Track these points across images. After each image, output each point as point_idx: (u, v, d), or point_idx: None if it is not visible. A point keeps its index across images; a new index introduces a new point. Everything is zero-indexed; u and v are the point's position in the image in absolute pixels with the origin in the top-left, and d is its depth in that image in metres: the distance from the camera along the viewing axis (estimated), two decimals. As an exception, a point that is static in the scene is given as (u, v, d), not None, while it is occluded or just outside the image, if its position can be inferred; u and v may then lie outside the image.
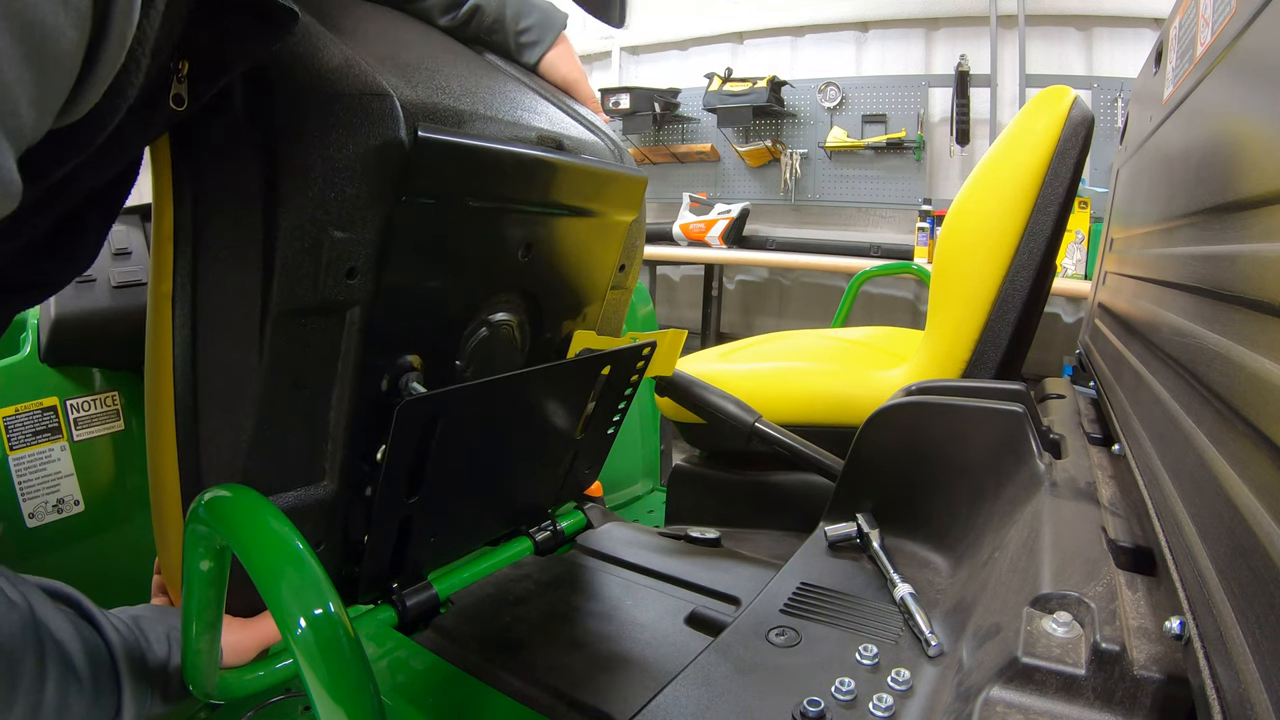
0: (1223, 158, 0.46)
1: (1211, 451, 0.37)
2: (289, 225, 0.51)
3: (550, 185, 0.70)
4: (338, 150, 0.51)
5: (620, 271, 0.87)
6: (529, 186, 0.68)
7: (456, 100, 0.62)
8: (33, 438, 0.87)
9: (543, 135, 0.69)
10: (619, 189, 0.79)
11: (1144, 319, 0.68)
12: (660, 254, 3.01)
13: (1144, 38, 2.39)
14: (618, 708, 0.62)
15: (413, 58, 0.63)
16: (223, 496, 0.45)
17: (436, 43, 0.73)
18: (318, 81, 0.51)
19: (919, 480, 0.85)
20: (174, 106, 0.43)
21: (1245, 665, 0.27)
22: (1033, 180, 1.03)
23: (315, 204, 0.51)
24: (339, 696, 0.39)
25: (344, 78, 0.52)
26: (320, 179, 0.51)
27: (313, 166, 0.51)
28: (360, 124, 0.52)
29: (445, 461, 0.67)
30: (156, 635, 0.54)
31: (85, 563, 0.90)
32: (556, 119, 0.75)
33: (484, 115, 0.64)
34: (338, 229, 0.53)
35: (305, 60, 0.51)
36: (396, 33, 0.68)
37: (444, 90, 0.61)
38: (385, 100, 0.53)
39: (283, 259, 0.51)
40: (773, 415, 1.14)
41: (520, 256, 0.71)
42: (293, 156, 0.50)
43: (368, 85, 0.53)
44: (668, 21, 3.42)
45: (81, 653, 0.47)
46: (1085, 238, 2.19)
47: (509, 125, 0.66)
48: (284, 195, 0.50)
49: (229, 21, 0.42)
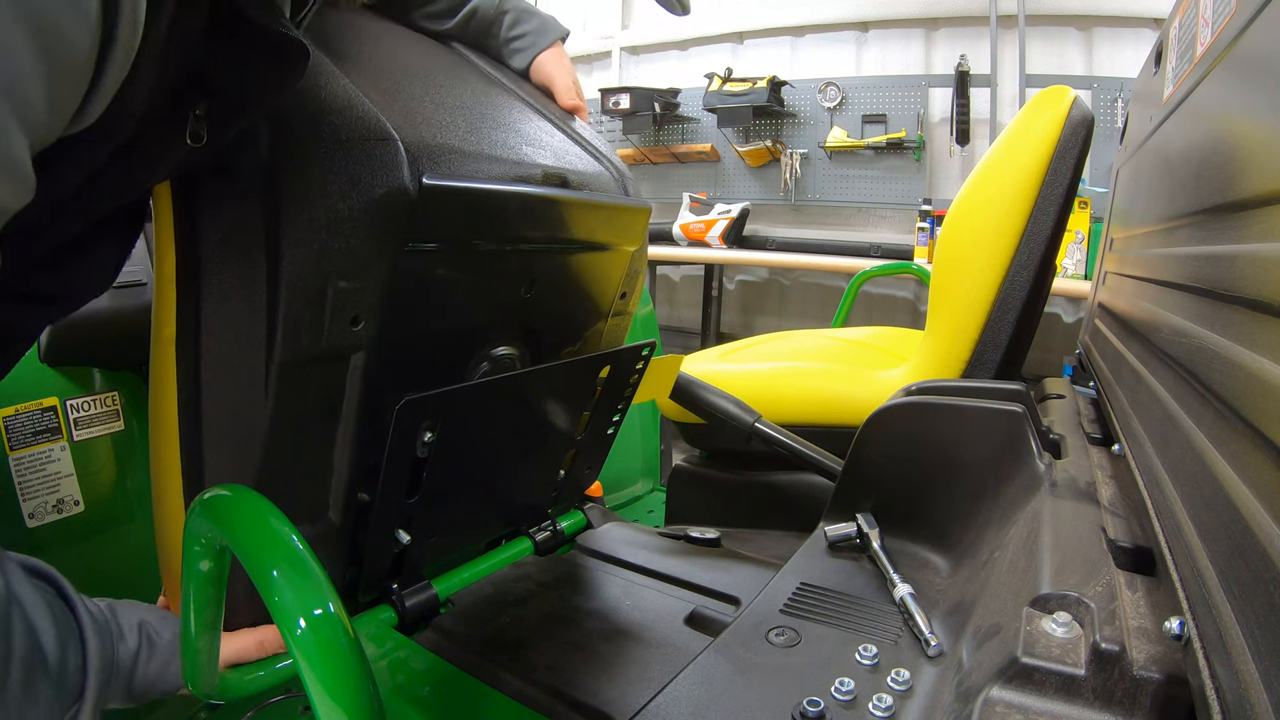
0: (1223, 158, 0.46)
1: (1211, 451, 0.37)
2: (292, 275, 0.50)
3: (555, 223, 0.69)
4: (342, 200, 0.51)
5: (622, 299, 0.87)
6: (534, 226, 0.67)
7: (462, 139, 0.61)
8: (33, 438, 0.87)
9: (548, 173, 0.69)
10: (623, 221, 0.79)
11: (1144, 319, 0.68)
12: (660, 254, 3.01)
13: (1144, 38, 2.39)
14: (618, 708, 0.62)
15: (416, 88, 0.62)
16: (223, 496, 0.45)
17: (439, 64, 0.72)
18: (321, 124, 0.50)
19: (919, 480, 0.85)
20: (192, 143, 0.43)
21: (1245, 665, 0.27)
22: (1033, 180, 1.03)
23: (319, 254, 0.51)
24: (339, 696, 0.39)
25: (348, 120, 0.51)
26: (324, 229, 0.50)
27: (316, 217, 0.50)
28: (364, 172, 0.51)
29: (445, 462, 0.67)
30: (129, 625, 0.53)
31: (85, 563, 0.90)
32: (561, 150, 0.74)
33: (488, 155, 0.63)
34: (342, 279, 0.53)
35: (309, 98, 0.50)
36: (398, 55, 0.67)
37: (448, 128, 0.61)
38: (390, 145, 0.53)
39: (287, 309, 0.51)
40: (773, 415, 1.14)
41: (523, 293, 0.71)
42: (295, 207, 0.50)
43: (372, 129, 0.52)
44: (668, 21, 3.42)
45: (53, 633, 0.46)
46: (1085, 238, 2.19)
47: (514, 164, 0.65)
48: (287, 247, 0.50)
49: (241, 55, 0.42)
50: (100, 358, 0.94)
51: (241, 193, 0.50)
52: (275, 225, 0.49)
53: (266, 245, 0.50)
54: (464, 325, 0.68)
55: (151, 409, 0.56)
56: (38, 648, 0.44)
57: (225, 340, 0.53)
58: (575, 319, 0.82)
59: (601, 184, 0.76)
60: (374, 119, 0.53)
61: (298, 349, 0.52)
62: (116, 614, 0.53)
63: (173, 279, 0.53)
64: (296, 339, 0.52)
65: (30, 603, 0.45)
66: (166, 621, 0.56)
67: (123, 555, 0.93)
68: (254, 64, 0.43)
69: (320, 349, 0.54)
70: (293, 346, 0.52)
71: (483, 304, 0.68)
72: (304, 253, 0.50)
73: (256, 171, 0.49)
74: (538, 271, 0.71)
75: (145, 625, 0.54)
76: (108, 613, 0.52)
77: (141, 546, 0.88)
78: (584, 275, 0.79)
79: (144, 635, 0.54)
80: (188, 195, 0.51)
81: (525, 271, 0.70)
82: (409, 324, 0.60)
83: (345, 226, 0.51)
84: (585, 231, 0.74)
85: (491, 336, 0.72)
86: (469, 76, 0.75)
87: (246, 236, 0.50)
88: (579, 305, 0.81)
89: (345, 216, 0.51)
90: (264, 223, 0.49)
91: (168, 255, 0.52)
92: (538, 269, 0.71)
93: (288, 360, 0.52)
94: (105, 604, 0.53)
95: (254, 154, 0.49)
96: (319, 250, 0.51)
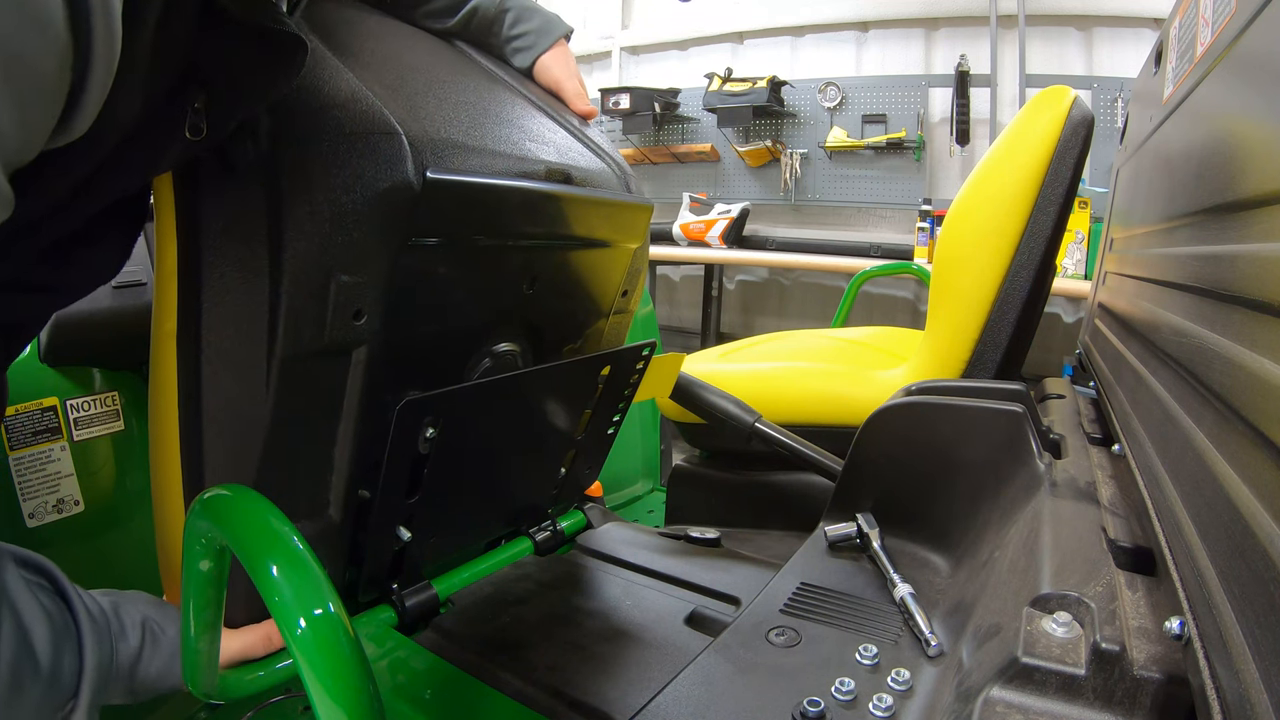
0: (1223, 158, 0.46)
1: (1211, 451, 0.37)
2: (295, 269, 0.50)
3: (558, 219, 0.69)
4: (345, 194, 0.50)
5: (623, 297, 0.87)
6: (537, 222, 0.67)
7: (465, 134, 0.61)
8: (33, 438, 0.87)
9: (551, 169, 0.69)
10: (625, 218, 0.79)
11: (1144, 319, 0.68)
12: (660, 254, 3.01)
13: (1144, 38, 2.39)
14: (618, 708, 0.62)
15: (420, 83, 0.62)
16: (223, 496, 0.45)
17: (442, 60, 0.72)
18: (325, 118, 0.49)
19: (919, 480, 0.85)
20: (191, 136, 0.43)
21: (1245, 665, 0.27)
22: (1033, 180, 1.03)
23: (322, 249, 0.50)
24: (339, 697, 0.39)
25: (352, 114, 0.51)
26: (327, 223, 0.50)
27: (319, 211, 0.50)
28: (368, 166, 0.51)
29: (445, 461, 0.67)
30: (132, 621, 0.52)
31: (85, 563, 0.90)
32: (564, 147, 0.74)
33: (491, 150, 0.63)
34: (345, 273, 0.52)
35: (312, 92, 0.49)
36: (401, 51, 0.67)
37: (452, 122, 0.60)
38: (393, 139, 0.52)
39: (289, 303, 0.50)
40: (773, 415, 1.14)
41: (525, 289, 0.71)
42: (298, 200, 0.49)
43: (376, 123, 0.52)
44: (668, 21, 3.42)
45: (46, 631, 0.45)
46: (1085, 238, 2.19)
47: (517, 160, 0.65)
48: (289, 240, 0.49)
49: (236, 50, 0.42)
50: (100, 358, 0.94)
51: (244, 186, 0.50)
52: (278, 219, 0.49)
53: (269, 239, 0.49)
54: (466, 321, 0.68)
55: (151, 404, 0.56)
56: (28, 648, 0.43)
57: (226, 335, 0.53)
58: (576, 316, 0.82)
59: (604, 181, 0.76)
60: (378, 113, 0.52)
61: (299, 344, 0.52)
62: (119, 610, 0.52)
63: (174, 273, 0.52)
64: (298, 333, 0.52)
65: (24, 601, 0.44)
66: (170, 616, 0.55)
67: (123, 555, 0.93)
68: (250, 58, 0.43)
69: (322, 344, 0.53)
70: (294, 341, 0.52)
71: (484, 300, 0.68)
72: (306, 247, 0.50)
73: (259, 165, 0.49)
74: (540, 268, 0.71)
75: (149, 622, 0.53)
76: (109, 609, 0.51)
77: (142, 546, 0.88)
78: (586, 272, 0.79)
79: (147, 632, 0.53)
80: (189, 189, 0.51)
81: (527, 268, 0.70)
82: (411, 319, 0.60)
83: (348, 220, 0.51)
84: (587, 228, 0.74)
85: (493, 332, 0.72)
86: (471, 73, 0.74)
87: (248, 230, 0.50)
88: (580, 302, 0.81)
89: (348, 210, 0.51)
90: (266, 216, 0.49)
91: (169, 249, 0.52)
92: (540, 265, 0.71)
93: (289, 355, 0.52)
94: (108, 600, 0.52)
95: (256, 147, 0.48)
96: (321, 244, 0.50)
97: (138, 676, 0.52)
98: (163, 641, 0.54)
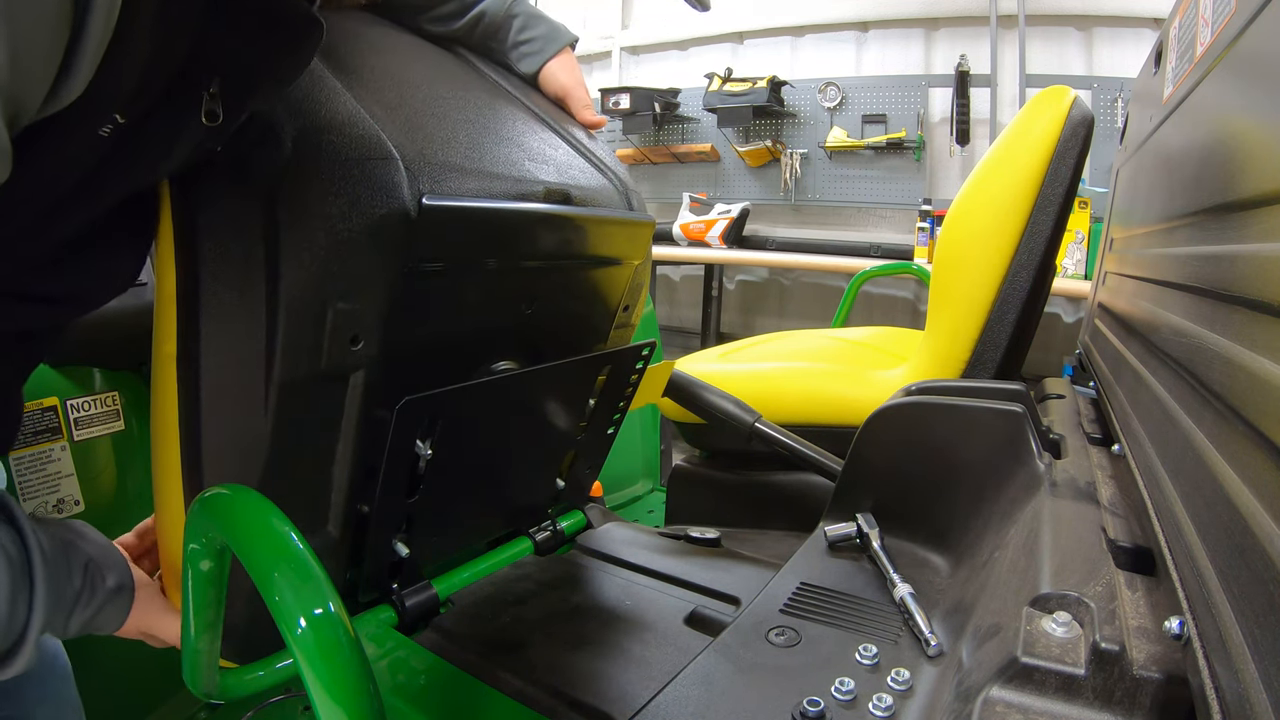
0: (1222, 158, 0.46)
1: (1211, 451, 0.37)
2: (291, 297, 0.50)
3: (558, 240, 0.69)
4: (341, 221, 0.50)
5: (625, 311, 0.87)
6: (536, 244, 0.67)
7: (464, 155, 0.60)
8: (33, 438, 0.87)
9: (550, 189, 0.68)
10: (627, 235, 0.78)
11: (1144, 319, 0.68)
12: (660, 254, 3.01)
13: (1144, 38, 2.39)
14: (618, 708, 0.62)
15: (420, 101, 0.62)
16: (223, 496, 0.45)
17: (444, 73, 0.71)
18: (321, 143, 0.49)
19: (919, 480, 0.85)
20: (207, 122, 0.42)
21: (1245, 665, 0.27)
22: (1033, 180, 1.03)
23: (319, 276, 0.50)
24: (339, 696, 0.39)
25: (348, 139, 0.51)
26: (324, 250, 0.50)
27: (316, 239, 0.50)
28: (364, 192, 0.51)
29: (445, 462, 0.67)
30: (77, 563, 0.51)
31: (85, 563, 0.90)
32: (565, 164, 0.73)
33: (490, 171, 0.62)
34: (342, 300, 0.52)
35: (310, 114, 0.49)
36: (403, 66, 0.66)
37: (451, 143, 0.60)
38: (390, 164, 0.52)
39: (286, 329, 0.50)
40: (773, 415, 1.14)
41: (524, 310, 0.70)
42: (295, 228, 0.49)
43: (373, 148, 0.52)
44: (668, 21, 3.42)
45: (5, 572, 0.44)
46: (1085, 238, 2.18)
47: (515, 181, 0.65)
48: (286, 268, 0.49)
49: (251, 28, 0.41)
50: (100, 358, 0.94)
51: (241, 213, 0.50)
52: (275, 247, 0.49)
53: (266, 266, 0.49)
54: (464, 342, 0.68)
55: (153, 423, 0.56)
56: None
57: (225, 359, 0.53)
58: (577, 333, 0.82)
59: (605, 198, 0.76)
60: (375, 137, 0.52)
61: (297, 369, 0.52)
62: (67, 550, 0.51)
63: (173, 297, 0.52)
64: (296, 359, 0.52)
65: None
66: (111, 560, 0.55)
67: (123, 555, 0.93)
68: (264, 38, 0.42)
69: (320, 369, 0.53)
70: (292, 367, 0.52)
71: (483, 321, 0.68)
72: (303, 274, 0.50)
73: (256, 192, 0.49)
74: (539, 289, 0.71)
75: (91, 566, 0.53)
76: (60, 547, 0.51)
77: (141, 546, 0.88)
78: (586, 290, 0.79)
79: (87, 577, 0.52)
80: (188, 214, 0.51)
81: (527, 289, 0.69)
82: (409, 342, 0.60)
83: (345, 248, 0.51)
84: (587, 248, 0.73)
85: (491, 352, 0.72)
86: (473, 86, 0.74)
87: (246, 257, 0.50)
88: (581, 320, 0.81)
89: (345, 238, 0.50)
90: (264, 244, 0.49)
91: (168, 273, 0.52)
92: (539, 286, 0.71)
93: (287, 380, 0.52)
94: (61, 535, 0.51)
95: (254, 173, 0.48)
96: (318, 271, 0.50)
97: (72, 619, 0.51)
98: (99, 591, 0.53)
